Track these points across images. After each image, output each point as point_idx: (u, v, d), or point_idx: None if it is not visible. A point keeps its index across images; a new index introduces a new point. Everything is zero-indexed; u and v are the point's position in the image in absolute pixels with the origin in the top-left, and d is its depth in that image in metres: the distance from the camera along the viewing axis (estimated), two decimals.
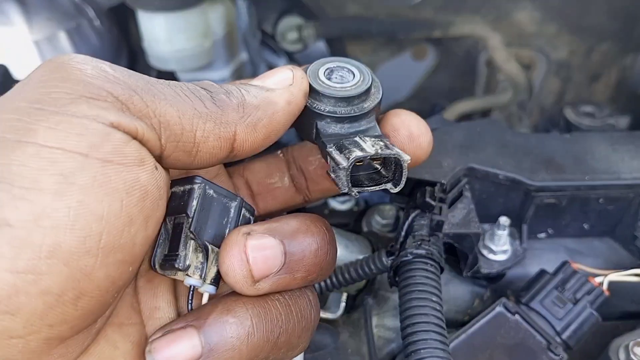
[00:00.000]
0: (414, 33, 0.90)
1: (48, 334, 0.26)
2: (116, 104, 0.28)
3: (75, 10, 0.85)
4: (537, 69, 0.94)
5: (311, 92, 0.36)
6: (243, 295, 0.33)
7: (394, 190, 0.34)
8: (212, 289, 0.34)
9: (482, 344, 0.49)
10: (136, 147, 0.28)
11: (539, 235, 0.61)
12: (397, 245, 0.50)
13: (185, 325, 0.32)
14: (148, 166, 0.29)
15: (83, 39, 0.84)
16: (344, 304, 0.60)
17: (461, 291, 0.59)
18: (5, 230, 0.24)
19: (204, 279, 0.33)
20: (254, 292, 0.32)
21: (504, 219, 0.56)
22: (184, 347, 0.31)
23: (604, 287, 0.53)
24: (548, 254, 0.60)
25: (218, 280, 0.34)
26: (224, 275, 0.32)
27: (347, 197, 0.74)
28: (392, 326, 0.56)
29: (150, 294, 0.35)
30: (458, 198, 0.54)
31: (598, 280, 0.53)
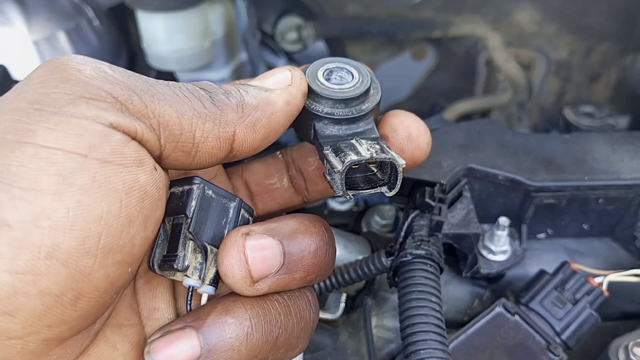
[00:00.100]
0: (413, 33, 0.90)
1: (47, 334, 0.26)
2: (115, 104, 0.28)
3: (75, 10, 0.85)
4: (537, 69, 0.94)
5: (310, 93, 0.36)
6: (242, 295, 0.33)
7: (389, 194, 0.34)
8: (211, 290, 0.34)
9: (482, 345, 0.49)
10: (135, 148, 0.28)
11: (539, 236, 0.61)
12: (397, 246, 0.50)
13: (184, 326, 0.31)
14: (147, 167, 0.29)
15: (82, 39, 0.84)
16: (344, 305, 0.60)
17: (461, 291, 0.59)
18: (5, 231, 0.24)
19: (202, 280, 0.33)
20: (253, 293, 0.32)
21: (503, 220, 0.56)
22: (182, 348, 0.31)
23: (604, 288, 0.53)
24: (547, 254, 0.60)
25: (217, 280, 0.34)
26: (222, 276, 0.32)
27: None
28: (392, 327, 0.56)
29: (149, 294, 0.35)
30: (457, 198, 0.54)
31: (598, 280, 0.53)
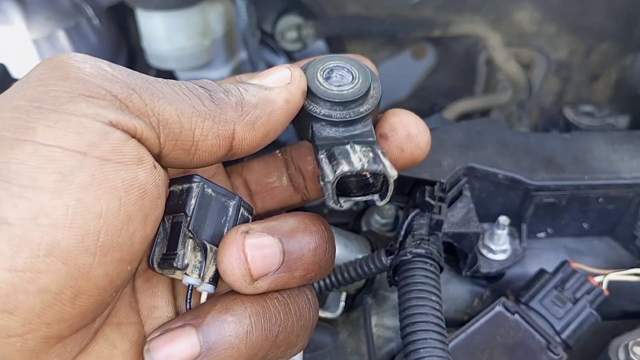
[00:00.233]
0: (413, 32, 0.90)
1: (46, 332, 0.26)
2: (115, 102, 0.28)
3: (74, 9, 0.85)
4: (537, 68, 0.94)
5: (308, 93, 0.36)
6: (241, 293, 0.33)
7: (380, 204, 0.34)
8: (211, 288, 0.34)
9: (482, 344, 0.49)
10: (135, 146, 0.28)
11: (539, 235, 0.61)
12: (397, 245, 0.50)
13: (184, 324, 0.31)
14: (147, 165, 0.29)
15: (82, 38, 0.84)
16: (343, 303, 0.60)
17: (461, 290, 0.59)
18: (4, 229, 0.24)
19: (202, 278, 0.33)
20: (253, 291, 0.32)
21: (503, 219, 0.56)
22: (182, 346, 0.31)
23: (604, 287, 0.53)
24: (547, 253, 0.60)
25: (216, 279, 0.34)
26: (222, 274, 0.32)
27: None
28: (392, 325, 0.56)
29: (148, 293, 0.35)
30: (457, 197, 0.54)
31: (597, 279, 0.53)
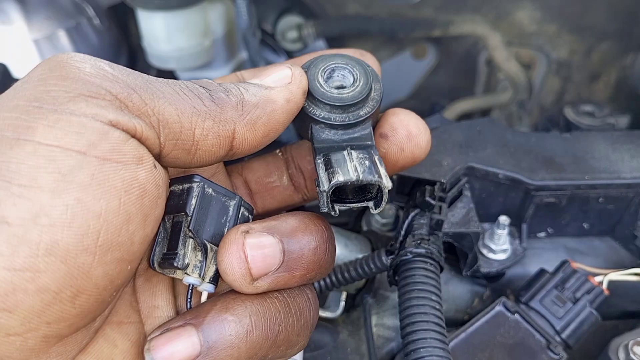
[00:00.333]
0: (414, 32, 0.90)
1: (46, 331, 0.26)
2: (115, 102, 0.28)
3: (75, 9, 0.85)
4: (537, 68, 0.94)
5: (309, 94, 0.35)
6: (242, 293, 0.33)
7: (374, 212, 0.34)
8: (211, 288, 0.34)
9: (482, 343, 0.49)
10: (135, 146, 0.28)
11: (539, 235, 0.61)
12: (397, 244, 0.50)
13: (184, 324, 0.31)
14: (147, 164, 0.29)
15: (82, 38, 0.84)
16: (344, 303, 0.60)
17: (461, 290, 0.59)
18: (3, 228, 0.24)
19: (202, 278, 0.33)
20: (253, 291, 0.32)
21: (503, 218, 0.56)
22: (182, 345, 0.31)
23: (604, 287, 0.53)
24: (548, 253, 0.60)
25: (217, 278, 0.34)
26: (222, 274, 0.32)
27: None
28: (392, 325, 0.56)
29: (149, 292, 0.35)
30: (458, 197, 0.54)
31: (598, 279, 0.53)
